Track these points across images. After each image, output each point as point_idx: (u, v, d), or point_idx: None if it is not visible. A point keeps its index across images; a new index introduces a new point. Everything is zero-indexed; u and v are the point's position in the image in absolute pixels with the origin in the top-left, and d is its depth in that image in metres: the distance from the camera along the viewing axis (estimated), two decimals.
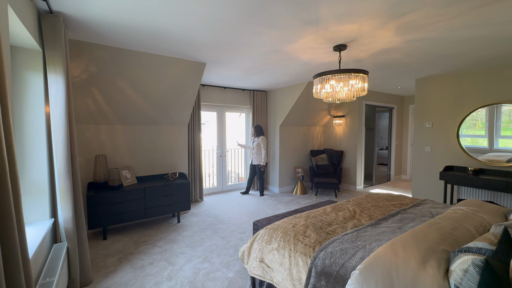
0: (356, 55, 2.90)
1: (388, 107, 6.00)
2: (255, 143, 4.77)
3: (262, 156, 4.69)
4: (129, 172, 3.34)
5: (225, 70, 3.57)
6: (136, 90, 3.09)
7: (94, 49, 2.51)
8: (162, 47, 2.61)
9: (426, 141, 4.14)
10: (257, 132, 4.81)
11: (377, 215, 1.93)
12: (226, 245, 2.81)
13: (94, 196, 2.83)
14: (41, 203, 1.87)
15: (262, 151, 4.68)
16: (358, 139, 5.24)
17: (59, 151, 1.83)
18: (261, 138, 4.74)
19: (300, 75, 3.93)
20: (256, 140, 4.78)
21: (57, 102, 1.82)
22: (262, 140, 4.72)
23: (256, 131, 4.82)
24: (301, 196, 4.88)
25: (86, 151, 3.16)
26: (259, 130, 4.82)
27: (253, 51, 2.72)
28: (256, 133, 4.81)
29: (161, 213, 3.29)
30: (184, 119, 3.87)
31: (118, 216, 2.98)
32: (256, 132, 4.82)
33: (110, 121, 3.27)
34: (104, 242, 2.89)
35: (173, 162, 3.89)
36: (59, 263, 1.74)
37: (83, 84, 2.76)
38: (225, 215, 3.78)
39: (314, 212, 2.03)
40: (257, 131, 4.81)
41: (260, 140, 4.73)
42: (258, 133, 4.79)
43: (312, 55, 2.87)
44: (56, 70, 1.81)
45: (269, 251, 1.65)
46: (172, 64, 3.00)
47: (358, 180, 5.30)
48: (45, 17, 1.79)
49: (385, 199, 2.40)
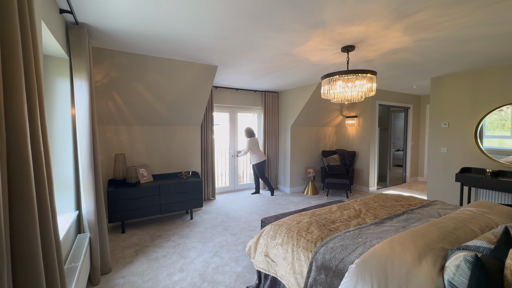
0: (365, 56, 2.90)
1: (403, 107, 5.86)
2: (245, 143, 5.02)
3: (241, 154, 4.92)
4: (145, 170, 3.54)
5: (236, 73, 3.69)
6: (152, 93, 3.28)
7: (114, 55, 2.71)
8: (176, 53, 2.76)
9: (442, 141, 4.03)
10: (246, 134, 4.95)
11: (382, 214, 1.95)
12: (236, 241, 2.91)
13: (113, 192, 3.04)
14: (67, 197, 2.06)
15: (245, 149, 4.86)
16: (371, 140, 5.17)
17: (83, 149, 2.02)
18: (248, 139, 4.88)
19: (310, 76, 3.97)
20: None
21: (81, 105, 2.00)
22: (248, 141, 4.87)
23: (245, 133, 4.96)
24: (312, 196, 4.90)
25: (107, 150, 3.39)
26: (248, 133, 4.94)
27: (262, 54, 2.81)
28: (246, 135, 4.97)
29: (175, 210, 3.46)
30: (197, 120, 4.03)
31: (135, 211, 3.18)
32: (246, 134, 4.96)
33: (128, 122, 3.49)
34: (122, 235, 3.09)
35: (186, 161, 4.06)
36: (83, 251, 1.91)
37: (105, 88, 2.98)
38: (236, 213, 3.89)
39: (320, 210, 2.08)
40: (246, 133, 4.95)
41: (247, 141, 4.89)
42: (247, 135, 4.94)
43: (321, 56, 2.91)
44: (81, 76, 2.00)
45: (273, 246, 1.73)
46: (185, 67, 3.16)
47: (371, 181, 5.22)
48: (72, 28, 1.98)
49: (393, 199, 2.39)
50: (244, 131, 4.97)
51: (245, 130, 4.96)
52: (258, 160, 4.88)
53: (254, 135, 4.96)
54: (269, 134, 5.34)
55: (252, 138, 4.91)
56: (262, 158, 4.90)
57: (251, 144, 4.86)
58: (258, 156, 4.88)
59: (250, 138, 4.90)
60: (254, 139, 4.92)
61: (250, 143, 4.86)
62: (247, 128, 4.97)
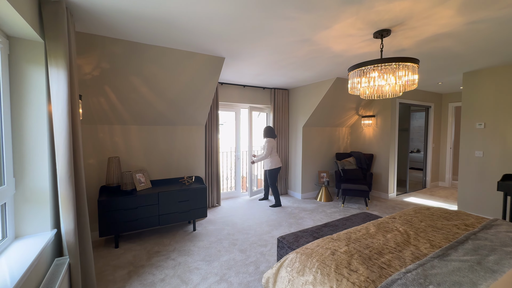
0: (398, 44, 2.47)
1: (424, 106, 5.39)
2: (262, 146, 4.34)
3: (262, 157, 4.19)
4: (143, 176, 3.14)
5: (245, 66, 3.27)
6: (151, 88, 2.88)
7: (106, 43, 2.31)
8: (177, 40, 2.36)
9: (477, 144, 3.56)
10: (264, 134, 4.29)
11: (438, 240, 1.52)
12: (246, 260, 2.50)
13: (105, 201, 2.65)
14: (41, 212, 1.66)
15: (263, 152, 4.20)
16: (391, 142, 4.71)
17: (60, 154, 1.62)
18: (266, 140, 4.22)
19: (327, 71, 3.54)
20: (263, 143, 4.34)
21: (58, 99, 1.60)
22: (267, 142, 4.18)
23: (264, 133, 4.30)
24: (326, 203, 4.46)
25: (99, 153, 3.00)
26: (267, 132, 4.27)
27: (278, 42, 2.39)
28: (264, 135, 4.29)
29: (176, 220, 3.06)
30: (201, 119, 3.63)
31: (130, 223, 2.78)
32: (264, 134, 4.30)
33: (124, 121, 3.10)
34: (115, 251, 2.69)
35: (189, 165, 3.66)
36: (57, 281, 1.52)
37: (96, 82, 2.58)
38: (244, 224, 3.48)
39: (355, 232, 1.65)
40: (264, 133, 4.29)
41: (265, 142, 4.21)
42: (265, 135, 4.28)
43: (346, 45, 2.48)
44: (58, 64, 1.60)
45: (301, 284, 1.31)
46: (188, 59, 2.75)
47: (390, 187, 4.77)
48: (46, 3, 1.59)
49: (441, 216, 1.95)
50: (263, 130, 4.31)
51: (265, 130, 4.29)
52: (273, 165, 4.18)
53: (275, 136, 4.32)
54: (279, 135, 4.91)
55: (273, 139, 4.25)
56: (277, 164, 4.22)
57: (272, 147, 4.20)
58: (275, 161, 4.19)
59: (269, 139, 4.22)
60: (274, 141, 4.29)
61: (270, 146, 4.16)
62: (267, 127, 4.31)
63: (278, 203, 4.25)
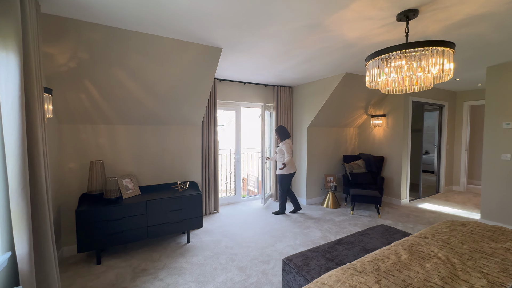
0: (423, 30, 2.12)
1: (438, 104, 5.02)
2: (278, 149, 3.87)
3: (288, 161, 3.71)
4: (130, 181, 2.80)
5: (246, 59, 2.93)
6: (138, 83, 2.54)
7: (81, 28, 1.98)
8: (167, 26, 2.02)
9: (504, 146, 3.20)
10: (280, 135, 3.84)
11: (496, 273, 1.17)
12: (245, 281, 2.15)
13: (85, 211, 2.31)
14: None
15: (285, 157, 3.72)
16: (404, 143, 4.35)
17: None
18: (283, 142, 3.77)
19: (336, 64, 3.19)
20: (279, 145, 3.87)
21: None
22: (285, 144, 3.74)
23: (279, 134, 3.85)
24: (333, 210, 4.10)
25: (81, 156, 2.67)
26: (282, 133, 3.84)
27: (283, 28, 2.05)
28: (279, 137, 3.86)
29: (167, 232, 2.72)
30: (197, 118, 3.29)
31: (114, 236, 2.44)
32: (279, 135, 3.85)
33: (109, 120, 2.76)
34: (96, 268, 2.35)
35: (183, 169, 3.31)
36: None
37: (73, 75, 2.25)
38: (243, 234, 3.13)
39: (383, 259, 1.30)
40: (280, 135, 3.84)
41: (282, 144, 3.77)
42: (281, 137, 3.85)
43: (362, 31, 2.13)
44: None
45: None
46: (181, 49, 2.42)
47: (402, 192, 4.40)
48: None
49: (484, 235, 1.60)
50: (276, 131, 3.87)
51: (278, 130, 3.85)
52: (289, 170, 3.74)
53: (289, 135, 3.88)
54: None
55: (289, 140, 3.84)
56: (293, 168, 3.80)
57: (291, 149, 3.79)
58: (290, 165, 3.78)
59: (286, 140, 3.78)
60: (291, 141, 3.90)
61: (290, 148, 3.74)
62: (280, 127, 3.85)
63: (282, 210, 3.88)
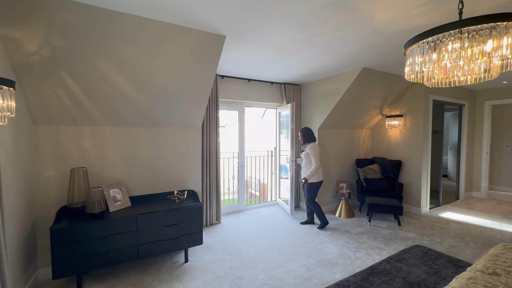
0: (472, 9, 1.74)
1: (458, 104, 4.63)
2: (304, 153, 3.39)
3: (315, 168, 3.24)
4: (119, 191, 2.42)
5: (252, 51, 2.56)
6: (126, 76, 2.17)
7: (53, 7, 1.60)
8: (161, 5, 1.64)
9: None
10: (305, 138, 3.39)
11: None
12: None
13: (61, 230, 1.93)
14: None
15: (313, 163, 3.26)
16: (424, 146, 3.96)
17: None
18: (311, 145, 3.31)
19: (354, 58, 2.81)
20: (305, 149, 3.39)
21: None
22: (312, 148, 3.29)
23: (304, 136, 3.40)
24: (347, 220, 3.71)
25: (61, 162, 2.29)
26: (308, 135, 3.39)
27: (303, 5, 1.67)
28: (304, 140, 3.42)
29: (161, 251, 2.33)
30: (196, 119, 2.91)
31: (98, 257, 2.05)
32: (304, 138, 3.40)
33: (94, 121, 2.38)
34: None
35: (181, 176, 2.93)
36: None
37: (47, 66, 1.87)
38: (249, 251, 2.73)
39: None
40: (305, 137, 3.39)
41: (309, 148, 3.31)
42: (307, 139, 3.39)
43: (397, 10, 1.76)
44: None
45: None
46: (177, 36, 2.04)
47: (423, 200, 4.00)
48: None
49: None
50: (302, 134, 3.41)
51: (302, 132, 3.41)
52: (317, 178, 3.31)
53: (316, 139, 3.44)
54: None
55: (316, 143, 3.39)
56: (321, 176, 3.36)
57: (316, 152, 3.27)
58: (318, 172, 3.33)
59: (313, 143, 3.34)
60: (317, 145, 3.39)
61: (318, 152, 3.28)
62: (305, 129, 3.42)
63: (324, 221, 3.35)
